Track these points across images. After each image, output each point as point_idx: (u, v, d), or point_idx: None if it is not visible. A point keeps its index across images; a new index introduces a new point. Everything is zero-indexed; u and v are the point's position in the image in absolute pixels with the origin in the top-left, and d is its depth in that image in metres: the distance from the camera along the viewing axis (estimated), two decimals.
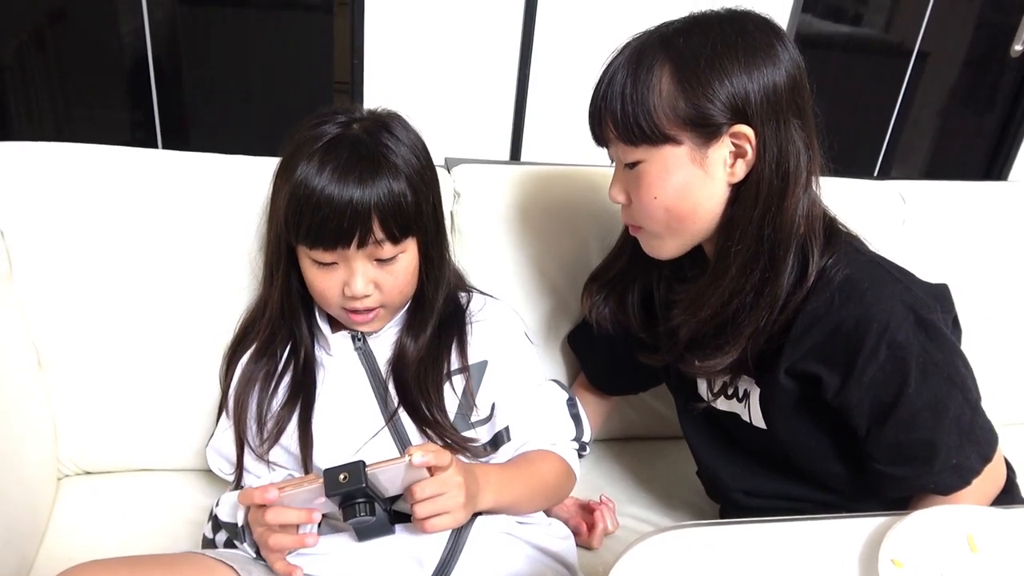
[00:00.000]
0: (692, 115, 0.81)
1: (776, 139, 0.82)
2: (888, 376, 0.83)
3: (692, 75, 0.81)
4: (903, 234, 1.35)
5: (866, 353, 0.82)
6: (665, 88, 0.82)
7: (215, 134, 2.15)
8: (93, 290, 1.09)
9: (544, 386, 1.08)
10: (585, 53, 1.99)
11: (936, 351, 0.83)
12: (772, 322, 0.87)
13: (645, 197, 0.86)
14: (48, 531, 1.09)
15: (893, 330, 0.82)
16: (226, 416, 1.02)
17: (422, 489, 0.80)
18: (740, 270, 0.85)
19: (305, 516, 0.81)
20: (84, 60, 2.01)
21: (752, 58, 0.81)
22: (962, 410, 0.85)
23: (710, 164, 0.84)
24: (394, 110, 0.98)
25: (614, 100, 0.84)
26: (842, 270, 0.84)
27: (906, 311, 0.83)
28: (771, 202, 0.83)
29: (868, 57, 2.53)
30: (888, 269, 0.88)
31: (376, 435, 0.96)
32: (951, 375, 0.85)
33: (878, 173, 2.63)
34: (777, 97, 0.82)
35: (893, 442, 0.86)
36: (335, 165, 0.87)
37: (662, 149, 0.84)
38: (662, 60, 0.82)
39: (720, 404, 1.00)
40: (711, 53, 0.81)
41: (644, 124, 0.83)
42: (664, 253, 0.92)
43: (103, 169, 1.09)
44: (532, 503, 0.99)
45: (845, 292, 0.84)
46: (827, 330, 0.84)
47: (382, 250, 0.90)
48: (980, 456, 0.87)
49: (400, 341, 1.00)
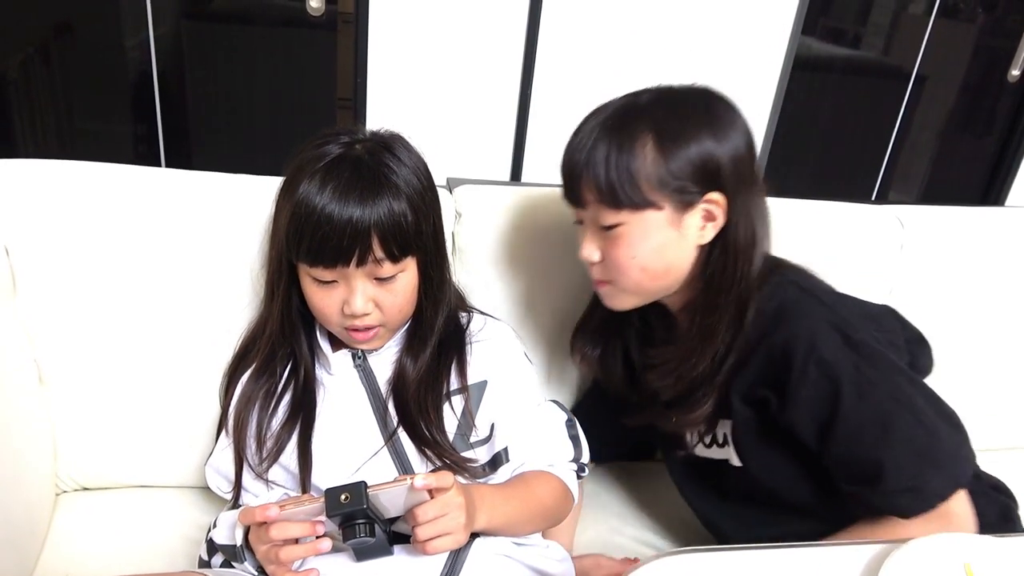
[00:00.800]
0: (672, 182, 0.88)
1: (744, 203, 0.91)
2: (821, 394, 0.87)
3: (673, 145, 0.88)
4: (901, 259, 1.36)
5: (796, 373, 0.87)
6: (650, 157, 0.88)
7: (218, 149, 2.15)
8: (95, 307, 1.09)
9: (543, 407, 1.08)
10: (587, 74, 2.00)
11: (870, 369, 0.86)
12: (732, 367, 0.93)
13: (623, 257, 0.92)
14: (46, 547, 1.09)
15: (819, 349, 0.86)
16: (225, 434, 1.02)
17: (424, 512, 0.80)
18: (716, 332, 0.92)
19: (309, 529, 0.81)
20: (88, 74, 2.02)
21: (721, 130, 0.89)
22: (913, 431, 0.86)
23: (685, 227, 0.91)
24: (397, 131, 0.99)
25: (598, 166, 0.90)
26: (775, 300, 0.91)
27: (830, 330, 0.87)
28: (742, 261, 0.91)
29: (867, 80, 2.55)
30: (816, 295, 0.92)
31: (375, 455, 0.96)
32: (894, 394, 0.86)
33: (876, 196, 2.64)
34: (742, 164, 0.91)
35: (841, 460, 0.89)
36: (336, 184, 0.88)
37: (644, 213, 0.90)
38: (645, 130, 0.89)
39: (708, 452, 1.04)
40: (688, 125, 0.89)
41: (629, 190, 0.88)
42: (625, 305, 0.98)
43: (107, 187, 1.09)
44: (529, 525, 0.99)
45: (775, 320, 0.90)
46: (763, 357, 0.90)
47: (381, 269, 0.91)
48: (947, 480, 0.86)
49: (400, 361, 1.00)
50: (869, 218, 1.37)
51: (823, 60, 2.39)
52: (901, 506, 0.87)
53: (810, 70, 2.32)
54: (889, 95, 2.50)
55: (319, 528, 0.81)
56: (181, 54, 2.03)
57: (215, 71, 2.08)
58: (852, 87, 2.49)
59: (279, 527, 0.79)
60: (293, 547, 0.81)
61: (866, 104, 2.52)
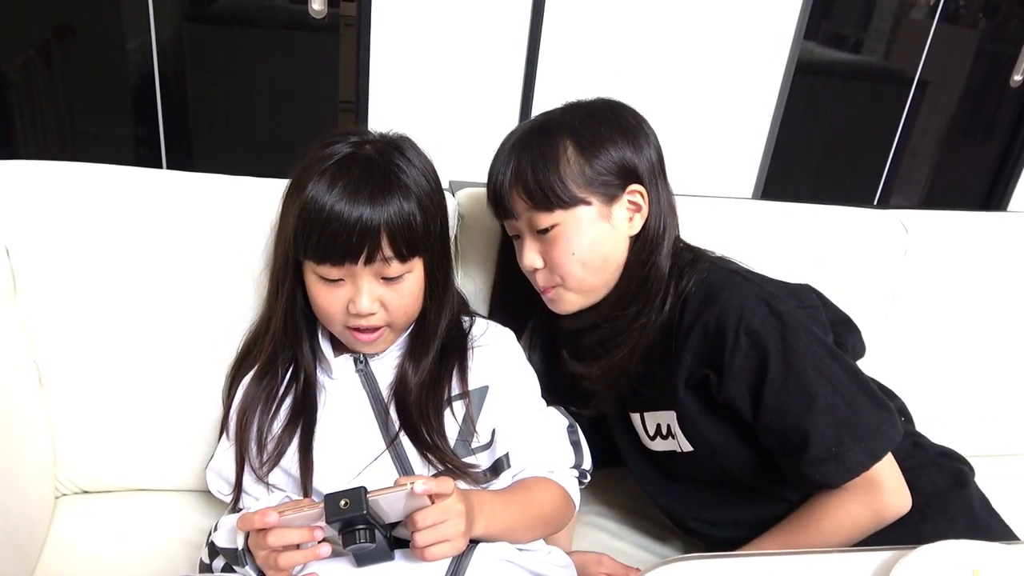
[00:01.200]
0: (596, 179, 0.96)
1: (658, 196, 1.00)
2: (753, 363, 0.92)
3: (591, 146, 0.96)
4: (905, 263, 1.36)
5: (729, 345, 0.93)
6: (572, 158, 0.96)
7: (219, 151, 2.15)
8: (96, 309, 1.09)
9: (544, 412, 1.07)
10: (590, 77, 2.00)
11: (794, 339, 0.91)
12: (646, 345, 1.00)
13: (563, 255, 0.98)
14: (45, 549, 1.08)
15: (747, 319, 0.92)
16: (226, 437, 1.02)
17: (424, 517, 0.79)
18: (618, 302, 1.00)
19: (308, 535, 0.80)
20: (90, 75, 2.01)
21: (631, 133, 0.99)
22: (834, 401, 0.90)
23: (615, 219, 0.99)
24: (405, 133, 0.99)
25: (525, 175, 0.97)
26: (703, 283, 0.98)
27: (758, 302, 0.93)
28: (655, 248, 0.99)
29: (868, 85, 2.55)
30: (743, 274, 1.00)
31: (377, 459, 0.95)
32: (816, 364, 0.91)
33: (878, 201, 2.64)
34: (652, 163, 1.00)
35: (771, 430, 0.94)
36: (346, 183, 0.88)
37: (575, 210, 0.97)
38: (562, 136, 0.97)
39: (658, 445, 1.09)
40: (602, 130, 0.98)
41: (558, 190, 0.95)
42: (571, 307, 1.03)
43: (108, 189, 1.09)
44: (528, 532, 0.98)
45: (706, 299, 0.96)
46: (699, 336, 0.96)
47: (389, 268, 0.90)
48: (866, 452, 0.91)
49: (402, 365, 1.00)
50: (873, 223, 1.36)
51: (825, 65, 2.39)
52: (827, 474, 0.91)
53: (812, 74, 2.32)
54: (891, 100, 2.50)
55: (318, 533, 0.80)
56: (183, 56, 2.03)
57: (217, 73, 2.07)
58: (854, 92, 2.49)
59: (277, 533, 0.79)
60: (292, 553, 0.80)
61: (868, 109, 2.52)
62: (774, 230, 1.34)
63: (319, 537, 0.80)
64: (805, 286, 1.05)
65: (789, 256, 1.31)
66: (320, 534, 0.80)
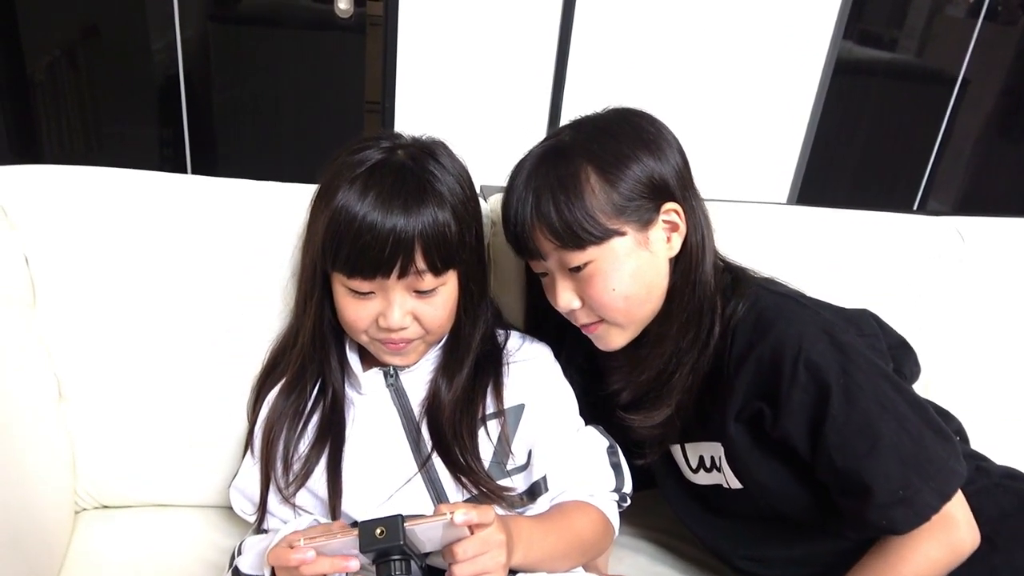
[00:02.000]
0: (627, 205, 0.87)
1: (693, 210, 0.92)
2: (812, 398, 0.85)
3: (614, 169, 0.87)
4: (960, 273, 1.29)
5: (787, 379, 0.85)
6: (596, 186, 0.87)
7: (244, 153, 2.13)
8: (117, 319, 1.05)
9: (583, 432, 1.02)
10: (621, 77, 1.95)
11: (857, 372, 0.84)
12: (700, 375, 0.92)
13: (603, 292, 0.89)
14: (64, 566, 1.05)
15: (807, 351, 0.84)
16: (251, 454, 0.98)
17: (464, 550, 0.75)
18: (680, 331, 0.92)
19: (342, 564, 0.75)
20: (115, 77, 2.00)
21: (653, 144, 0.90)
22: (899, 438, 0.83)
23: (652, 244, 0.90)
24: (438, 138, 0.94)
25: (548, 214, 0.87)
26: (754, 310, 0.90)
27: (817, 332, 0.86)
28: (700, 265, 0.92)
29: (909, 85, 2.48)
30: (796, 299, 0.92)
31: (408, 482, 0.91)
32: (880, 399, 0.84)
33: (917, 206, 2.56)
34: (681, 173, 0.92)
35: (831, 469, 0.86)
36: (379, 191, 0.83)
37: (610, 243, 0.88)
38: (580, 162, 0.87)
39: (701, 478, 1.02)
40: (623, 147, 0.88)
41: (588, 225, 0.86)
42: (620, 342, 0.95)
43: (131, 195, 1.06)
44: (566, 561, 0.93)
45: (759, 328, 0.88)
46: (752, 367, 0.88)
47: (422, 281, 0.86)
48: (936, 492, 0.84)
49: (435, 381, 0.95)
50: (926, 230, 1.29)
51: (865, 64, 2.32)
52: (895, 520, 0.84)
53: (851, 74, 2.25)
54: (932, 100, 2.42)
55: (353, 564, 0.76)
56: (208, 57, 2.01)
57: (242, 74, 2.05)
58: (894, 92, 2.42)
59: (310, 565, 0.74)
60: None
61: (908, 109, 2.45)
62: (814, 238, 1.27)
63: (354, 568, 0.76)
64: (863, 311, 0.98)
65: (831, 267, 1.24)
66: (355, 564, 0.76)
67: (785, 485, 0.93)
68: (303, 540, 0.74)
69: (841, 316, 0.92)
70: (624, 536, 1.18)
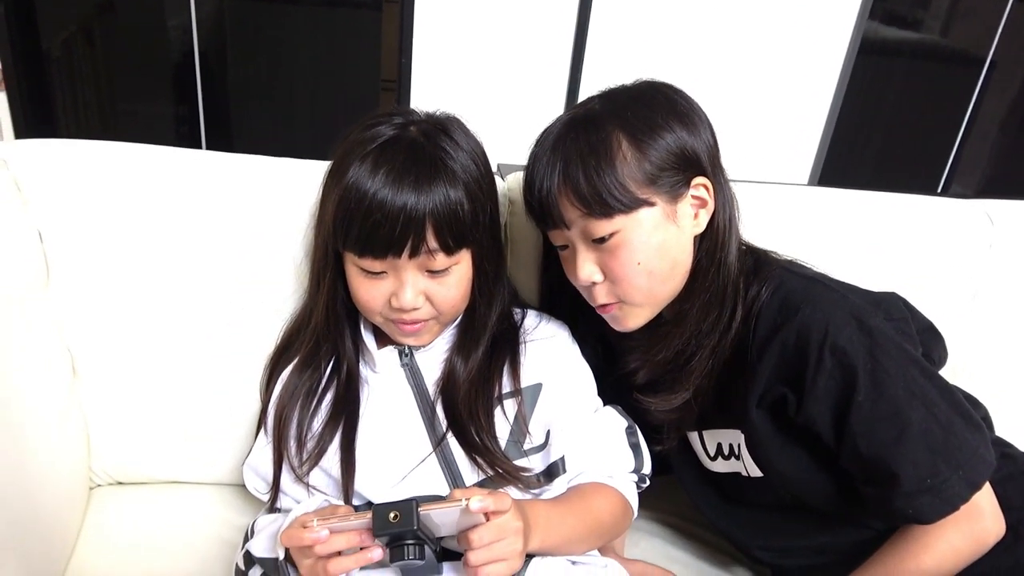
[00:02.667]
0: (658, 175, 0.85)
1: (721, 187, 0.90)
2: (838, 384, 0.83)
3: (647, 137, 0.85)
4: (989, 258, 1.26)
5: (812, 363, 0.83)
6: (628, 154, 0.84)
7: (259, 130, 2.12)
8: (130, 296, 1.04)
9: (601, 412, 1.00)
10: (641, 54, 1.92)
11: (885, 357, 0.82)
12: (720, 359, 0.90)
13: (627, 265, 0.86)
14: (79, 541, 1.05)
15: (833, 336, 0.82)
16: (264, 432, 0.97)
17: (480, 537, 0.73)
18: (701, 312, 0.89)
19: (357, 540, 0.74)
20: (130, 53, 2.00)
21: (686, 117, 0.88)
22: (928, 425, 0.81)
23: (680, 219, 0.88)
24: (454, 113, 0.92)
25: (575, 178, 0.84)
26: (778, 293, 0.87)
27: (845, 316, 0.83)
28: (726, 245, 0.90)
29: (935, 66, 2.42)
30: (823, 282, 0.89)
31: (423, 462, 0.90)
32: (909, 385, 0.82)
33: (941, 189, 2.51)
34: (711, 148, 0.89)
35: (857, 457, 0.84)
36: (390, 168, 0.81)
37: (637, 214, 0.85)
38: (612, 128, 0.85)
39: (719, 466, 1.00)
40: (656, 116, 0.86)
41: (618, 192, 0.84)
42: (638, 322, 0.92)
43: (145, 170, 1.04)
44: (584, 544, 0.92)
45: (784, 311, 0.86)
46: (776, 352, 0.86)
47: (434, 261, 0.85)
48: (964, 481, 0.81)
49: (450, 360, 0.94)
50: (954, 213, 1.26)
51: (890, 44, 2.27)
52: (921, 509, 0.82)
53: (876, 55, 2.20)
54: (958, 81, 2.37)
55: (366, 539, 0.75)
56: (223, 33, 2.00)
57: (257, 51, 2.04)
58: (919, 73, 2.37)
59: (324, 544, 0.73)
60: (341, 559, 0.75)
61: (933, 91, 2.40)
62: (838, 221, 1.23)
63: (376, 558, 0.75)
64: (891, 295, 0.95)
65: (854, 251, 1.21)
66: (377, 554, 0.75)
67: (807, 473, 0.91)
68: (316, 520, 0.73)
69: (869, 299, 0.89)
70: (640, 520, 1.17)
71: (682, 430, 1.00)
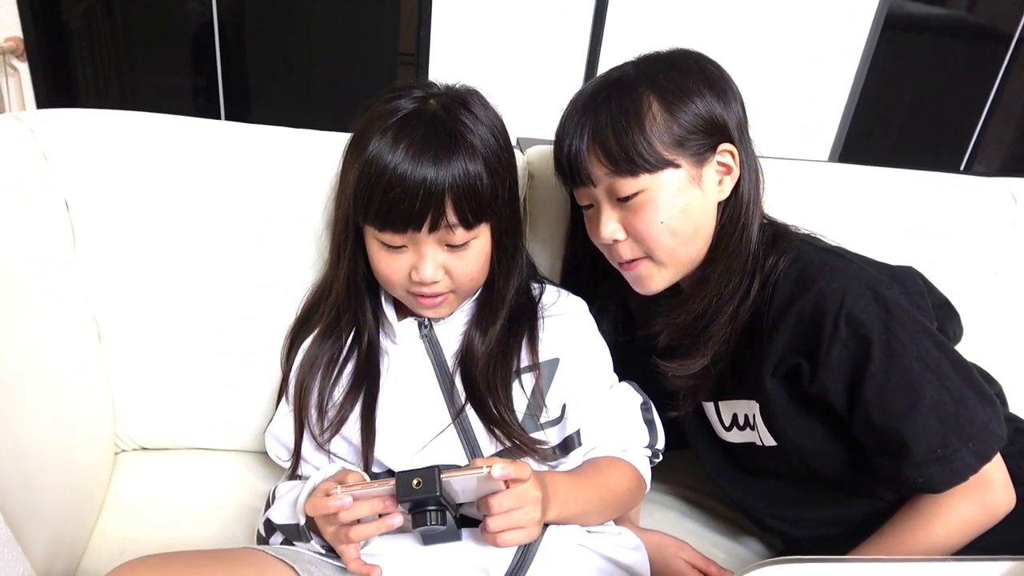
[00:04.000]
0: (685, 138, 0.87)
1: (748, 157, 0.91)
2: (852, 354, 0.84)
3: (678, 100, 0.87)
4: (1013, 236, 1.25)
5: (827, 333, 0.84)
6: (658, 115, 0.86)
7: (277, 103, 2.12)
8: (155, 264, 1.06)
9: (616, 388, 1.01)
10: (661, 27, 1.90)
11: (900, 329, 0.83)
12: (738, 327, 0.91)
13: (651, 224, 0.88)
14: (104, 506, 1.08)
15: (849, 306, 0.83)
16: (286, 401, 0.98)
17: (499, 503, 0.75)
18: (722, 277, 0.90)
19: (380, 506, 0.76)
20: (150, 24, 1.99)
21: (717, 85, 0.89)
22: (941, 397, 0.82)
23: (705, 183, 0.89)
24: (473, 86, 0.92)
25: (604, 135, 0.87)
26: (796, 264, 0.88)
27: (861, 287, 0.84)
28: (749, 213, 0.91)
29: (961, 42, 2.38)
30: (840, 254, 0.90)
31: (441, 433, 0.91)
32: (923, 357, 0.83)
33: (964, 167, 2.48)
34: (740, 119, 0.91)
35: (869, 427, 0.85)
36: (410, 142, 0.82)
37: (662, 174, 0.87)
38: (644, 90, 0.87)
39: (734, 436, 1.01)
40: (687, 81, 0.88)
41: (645, 151, 0.85)
42: (660, 284, 0.94)
43: (168, 140, 1.05)
44: (600, 515, 0.93)
45: (801, 282, 0.86)
46: (792, 322, 0.86)
47: (454, 235, 0.85)
48: (974, 453, 0.82)
49: (468, 333, 0.95)
50: (978, 191, 1.25)
51: (916, 20, 2.23)
52: (931, 478, 0.83)
53: (900, 30, 2.16)
54: (985, 59, 2.33)
55: (389, 505, 0.76)
56: (242, 5, 1.99)
57: (276, 23, 2.03)
58: (945, 49, 2.33)
59: (348, 511, 0.75)
60: (364, 526, 0.77)
61: (959, 67, 2.35)
62: (859, 197, 1.23)
63: (397, 523, 0.76)
64: (908, 268, 0.95)
65: (874, 228, 1.21)
66: (398, 520, 0.76)
67: (821, 443, 0.92)
68: (340, 488, 0.74)
69: (886, 272, 0.90)
70: (655, 492, 1.18)
71: (698, 398, 1.01)
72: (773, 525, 1.03)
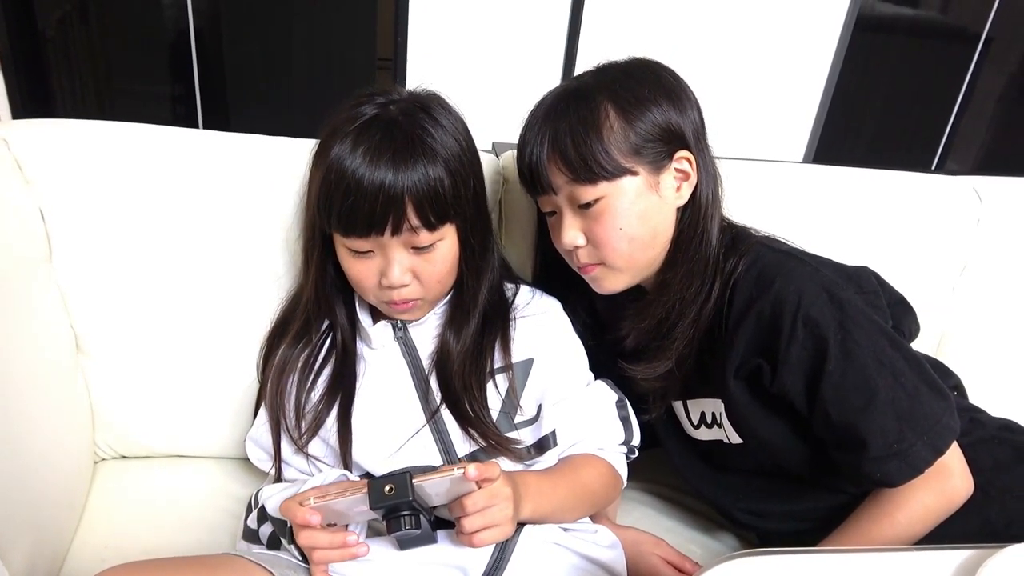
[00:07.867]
0: (642, 146, 0.89)
1: (705, 162, 0.94)
2: (810, 354, 0.86)
3: (634, 109, 0.89)
4: (977, 234, 1.28)
5: (786, 334, 0.86)
6: (615, 124, 0.88)
7: (256, 109, 2.12)
8: (132, 274, 1.06)
9: (592, 386, 1.03)
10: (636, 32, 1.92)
11: (855, 328, 0.85)
12: (701, 329, 0.94)
13: (609, 231, 0.90)
14: (84, 515, 1.08)
15: (806, 307, 0.85)
16: (265, 407, 0.99)
17: (473, 502, 0.76)
18: (683, 281, 0.93)
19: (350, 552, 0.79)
20: (126, 32, 1.99)
21: (673, 94, 0.92)
22: (896, 394, 0.84)
23: (662, 189, 0.91)
24: (436, 91, 0.93)
25: (563, 144, 0.89)
26: (755, 266, 0.90)
27: (817, 289, 0.86)
28: (708, 218, 0.93)
29: (931, 42, 2.42)
30: (796, 256, 0.92)
31: (417, 433, 0.92)
32: (878, 355, 0.85)
33: (936, 166, 2.52)
34: (697, 126, 0.93)
35: (828, 424, 0.87)
36: (367, 147, 0.83)
37: (621, 181, 0.89)
38: (601, 99, 0.89)
39: (703, 434, 1.03)
40: (644, 90, 0.90)
41: (603, 159, 0.87)
42: (617, 286, 0.96)
43: (144, 149, 1.06)
44: (575, 511, 0.94)
45: (759, 284, 0.89)
46: (752, 323, 0.89)
47: (418, 237, 0.86)
48: (929, 446, 0.85)
49: (443, 334, 0.96)
50: (943, 189, 1.28)
51: (886, 20, 2.26)
52: (889, 472, 0.85)
53: (872, 31, 2.20)
54: (954, 58, 2.37)
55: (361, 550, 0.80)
56: (219, 12, 1.99)
57: (253, 30, 2.03)
58: (915, 49, 2.36)
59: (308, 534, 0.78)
60: (327, 551, 0.80)
61: (929, 67, 2.39)
62: (829, 197, 1.26)
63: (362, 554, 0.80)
64: (863, 268, 0.98)
65: (845, 227, 1.23)
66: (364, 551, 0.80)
67: (783, 440, 0.94)
68: (313, 500, 0.75)
69: (841, 273, 0.92)
70: (632, 490, 1.20)
71: (667, 399, 1.03)
72: (744, 520, 1.05)
